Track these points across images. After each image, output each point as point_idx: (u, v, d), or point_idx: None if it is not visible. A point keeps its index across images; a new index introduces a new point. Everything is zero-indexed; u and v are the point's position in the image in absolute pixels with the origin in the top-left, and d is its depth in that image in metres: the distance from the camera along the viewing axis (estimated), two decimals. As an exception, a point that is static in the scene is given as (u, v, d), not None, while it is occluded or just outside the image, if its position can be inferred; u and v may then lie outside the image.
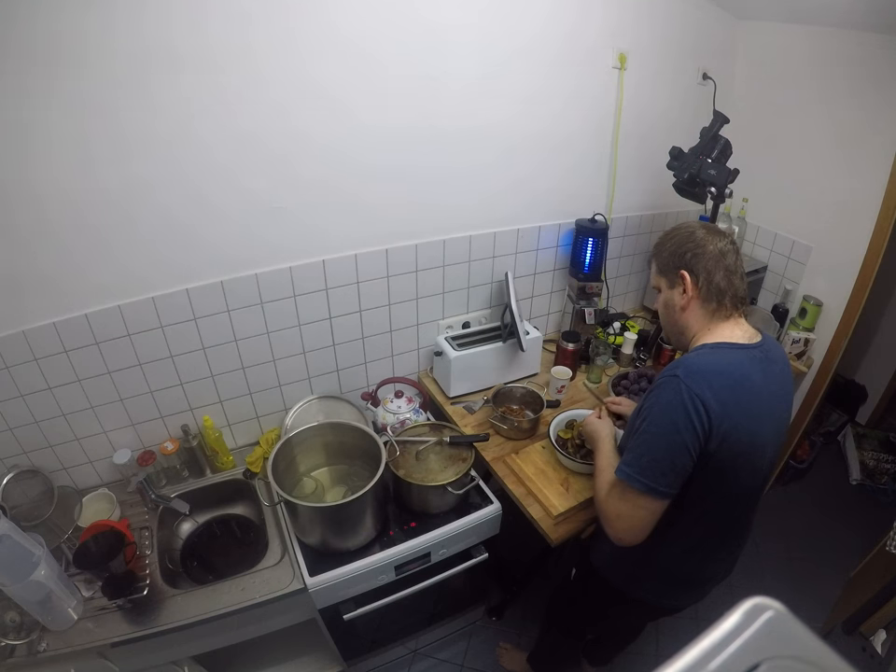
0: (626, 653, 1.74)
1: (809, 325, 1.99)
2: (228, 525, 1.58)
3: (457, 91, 1.49)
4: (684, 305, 1.04)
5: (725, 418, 0.90)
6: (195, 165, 1.26)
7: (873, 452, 2.63)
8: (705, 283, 1.01)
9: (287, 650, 1.72)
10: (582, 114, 1.74)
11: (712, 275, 1.00)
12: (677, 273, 1.03)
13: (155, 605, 1.25)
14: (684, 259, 1.02)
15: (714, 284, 1.00)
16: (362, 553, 1.35)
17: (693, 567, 1.14)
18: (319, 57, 1.28)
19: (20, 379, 1.30)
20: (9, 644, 1.14)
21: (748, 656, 0.25)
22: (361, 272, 1.58)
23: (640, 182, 2.00)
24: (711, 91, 1.85)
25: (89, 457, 1.49)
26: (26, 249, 1.19)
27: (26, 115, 1.06)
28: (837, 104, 1.75)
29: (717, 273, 1.00)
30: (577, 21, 1.58)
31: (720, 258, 1.01)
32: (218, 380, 1.56)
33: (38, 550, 1.12)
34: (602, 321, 2.01)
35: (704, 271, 1.01)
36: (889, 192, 1.66)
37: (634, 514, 0.97)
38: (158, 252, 1.31)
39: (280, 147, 1.32)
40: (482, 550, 1.54)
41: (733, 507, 1.05)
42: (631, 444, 0.99)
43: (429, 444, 1.47)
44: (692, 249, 1.01)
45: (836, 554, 2.20)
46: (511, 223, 1.79)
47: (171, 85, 1.16)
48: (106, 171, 1.18)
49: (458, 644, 1.89)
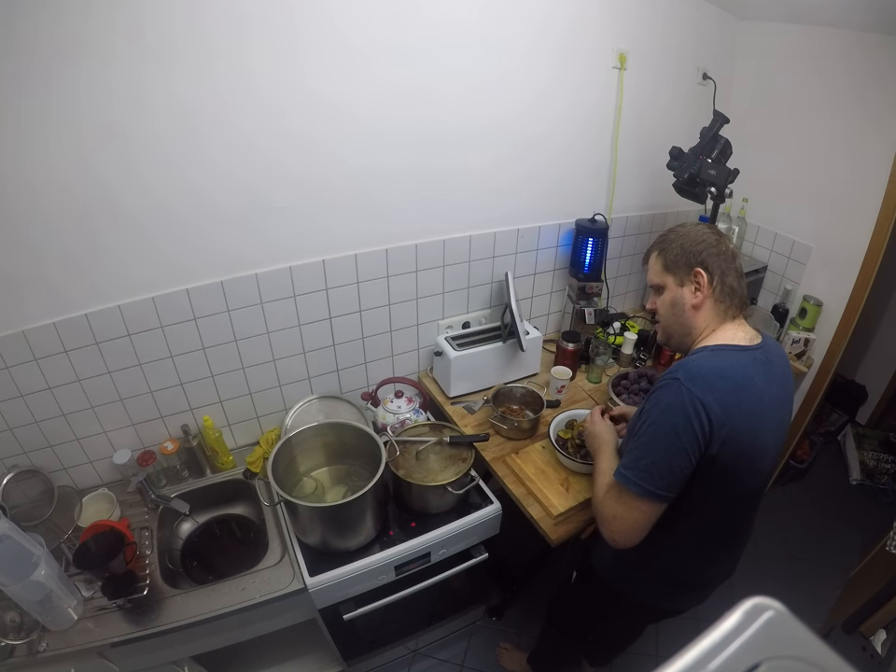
0: (626, 654, 1.74)
1: (809, 325, 1.99)
2: (228, 525, 1.58)
3: (458, 93, 1.48)
4: (697, 304, 1.02)
5: (727, 421, 0.90)
6: (199, 165, 1.25)
7: (873, 452, 2.63)
8: (719, 282, 1.00)
9: (287, 650, 1.72)
10: (583, 114, 1.74)
11: (726, 275, 1.00)
12: (690, 270, 1.01)
13: (155, 605, 1.25)
14: (700, 256, 1.01)
15: (727, 284, 1.00)
16: (362, 553, 1.35)
17: (693, 570, 1.14)
18: (318, 58, 1.27)
19: (20, 379, 1.30)
20: (9, 644, 1.14)
21: (748, 656, 0.25)
22: (361, 272, 1.58)
23: (640, 182, 2.00)
24: (711, 90, 1.85)
25: (89, 457, 1.49)
26: (26, 249, 1.19)
27: (24, 112, 1.06)
28: (837, 103, 1.75)
29: (729, 273, 1.00)
30: (577, 22, 1.58)
31: (732, 259, 1.01)
32: (218, 380, 1.56)
33: (38, 550, 1.11)
34: (602, 321, 2.01)
35: (718, 270, 1.00)
36: (888, 192, 1.66)
37: (629, 516, 0.97)
38: (158, 251, 1.31)
39: (280, 147, 1.32)
40: (482, 550, 1.54)
41: (734, 509, 1.05)
42: (630, 447, 0.98)
43: (429, 444, 1.47)
44: (706, 248, 1.01)
45: (836, 554, 2.20)
46: (511, 223, 1.79)
47: (170, 84, 1.16)
48: (107, 170, 1.18)
49: (458, 644, 1.89)
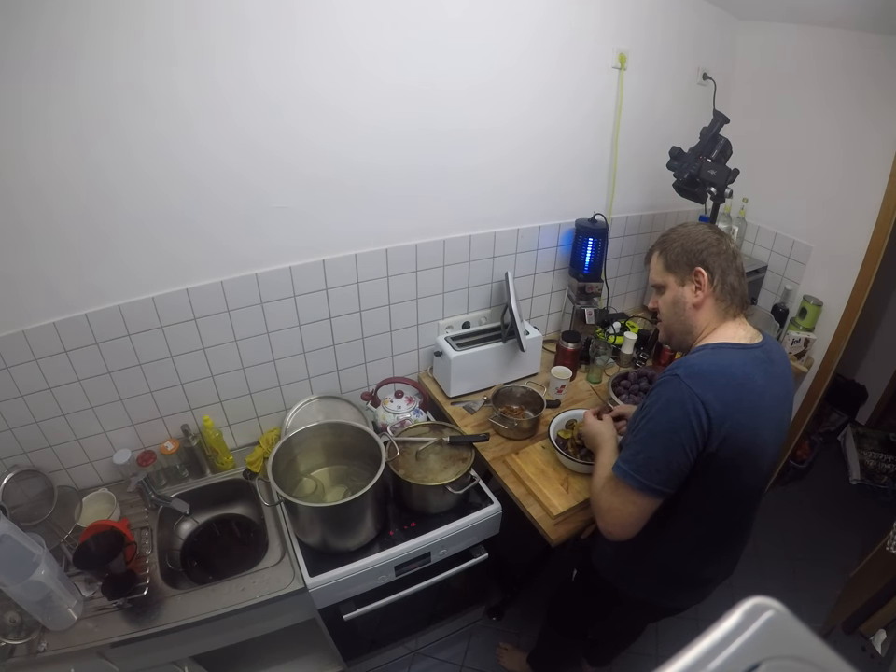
0: (626, 653, 1.74)
1: (809, 325, 1.99)
2: (228, 525, 1.58)
3: (458, 93, 1.48)
4: (698, 303, 1.03)
5: (727, 418, 0.91)
6: (199, 162, 1.25)
7: (873, 452, 2.63)
8: (720, 281, 1.01)
9: (287, 650, 1.72)
10: (583, 114, 1.74)
11: (726, 274, 1.01)
12: (691, 269, 1.02)
13: (155, 605, 1.25)
14: (700, 256, 1.01)
15: (728, 283, 1.01)
16: (362, 553, 1.35)
17: (693, 568, 1.14)
18: (318, 58, 1.27)
19: (20, 379, 1.30)
20: (9, 644, 1.14)
21: (748, 656, 0.25)
22: (361, 272, 1.58)
23: (640, 182, 2.00)
24: (711, 91, 1.85)
25: (89, 457, 1.49)
26: (26, 248, 1.18)
27: (25, 111, 1.06)
28: (837, 103, 1.75)
29: (730, 272, 1.01)
30: (577, 22, 1.58)
31: (732, 258, 1.01)
32: (218, 380, 1.56)
33: (38, 550, 1.11)
34: (602, 321, 2.01)
35: (719, 269, 1.01)
36: (888, 192, 1.66)
37: (624, 509, 0.98)
38: (159, 251, 1.31)
39: (280, 147, 1.32)
40: (482, 550, 1.54)
41: (734, 507, 1.06)
42: (629, 441, 0.99)
43: (429, 444, 1.47)
44: (707, 247, 1.01)
45: (836, 554, 2.20)
46: (511, 223, 1.79)
47: (168, 83, 1.16)
48: (108, 167, 1.18)
49: (458, 644, 1.89)
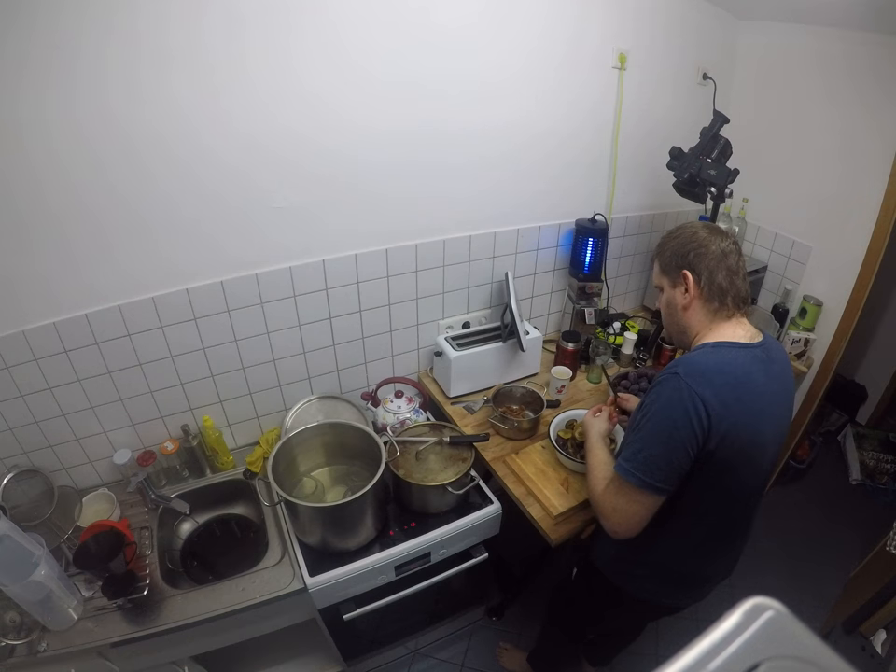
0: (626, 653, 1.74)
1: (809, 325, 1.99)
2: (228, 525, 1.58)
3: (459, 94, 1.48)
4: (686, 305, 1.05)
5: (726, 417, 0.91)
6: (199, 160, 1.25)
7: (873, 452, 2.63)
8: (706, 283, 1.01)
9: (287, 650, 1.72)
10: (583, 114, 1.74)
11: (714, 275, 1.01)
12: (679, 272, 1.04)
13: (155, 605, 1.25)
14: (687, 258, 1.03)
15: (716, 284, 1.01)
16: (362, 553, 1.35)
17: (693, 566, 1.14)
18: (316, 59, 1.27)
19: (20, 379, 1.29)
20: (9, 644, 1.14)
21: (748, 656, 0.25)
22: (361, 272, 1.58)
23: (640, 182, 2.00)
24: (711, 90, 1.85)
25: (89, 457, 1.49)
26: (26, 248, 1.18)
27: (24, 110, 1.06)
28: (837, 103, 1.75)
29: (719, 272, 1.01)
30: (578, 22, 1.58)
31: (722, 258, 1.01)
32: (218, 380, 1.56)
33: (38, 550, 1.11)
34: (602, 321, 2.01)
35: (706, 270, 1.01)
36: (888, 192, 1.66)
37: (629, 508, 0.99)
38: (159, 250, 1.31)
39: (281, 146, 1.32)
40: (482, 550, 1.54)
41: (733, 505, 1.06)
42: (630, 439, 1.00)
43: (429, 444, 1.47)
44: (694, 249, 1.02)
45: (836, 554, 2.20)
46: (511, 223, 1.79)
47: (168, 82, 1.16)
48: (109, 164, 1.18)
49: (458, 644, 1.89)
